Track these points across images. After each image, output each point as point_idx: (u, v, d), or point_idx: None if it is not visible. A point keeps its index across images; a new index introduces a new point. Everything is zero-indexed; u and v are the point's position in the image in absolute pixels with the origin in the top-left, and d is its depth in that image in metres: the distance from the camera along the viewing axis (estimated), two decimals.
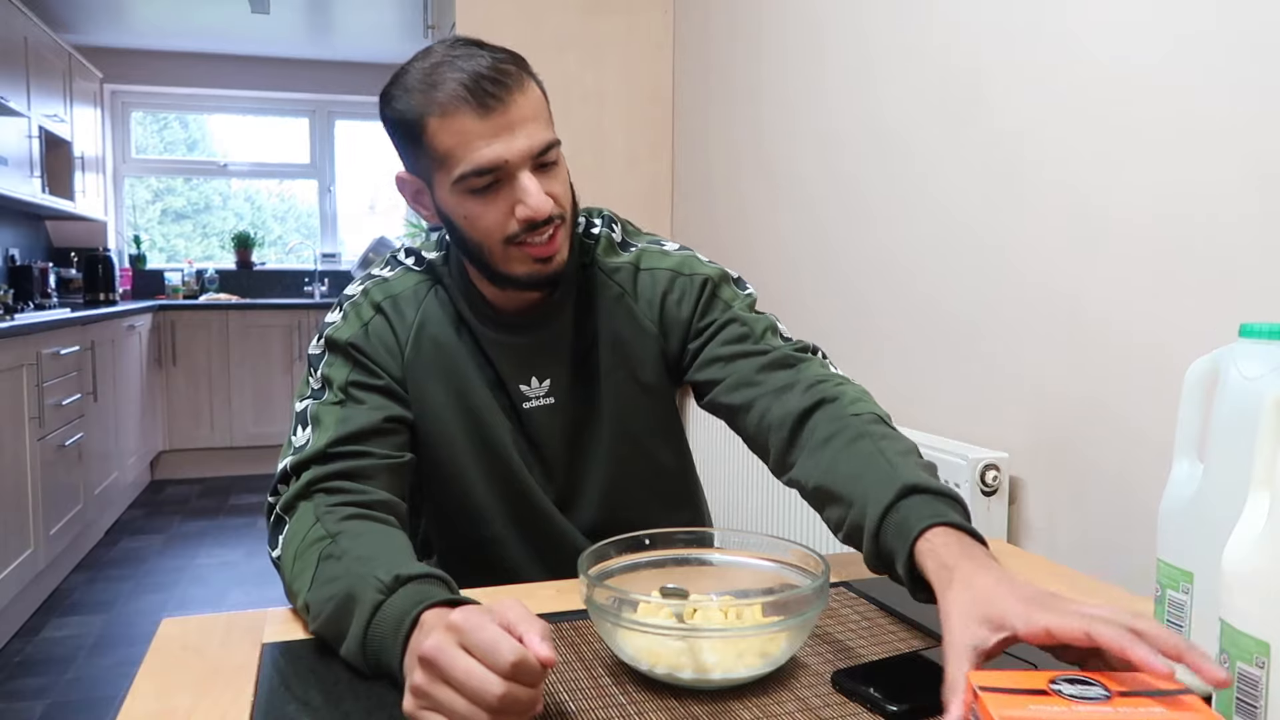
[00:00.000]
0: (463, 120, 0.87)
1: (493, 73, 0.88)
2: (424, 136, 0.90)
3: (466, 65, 0.88)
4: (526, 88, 0.91)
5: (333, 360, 0.97)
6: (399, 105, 0.92)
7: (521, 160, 0.89)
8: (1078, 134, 1.31)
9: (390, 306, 1.01)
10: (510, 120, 0.88)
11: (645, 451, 1.08)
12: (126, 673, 2.55)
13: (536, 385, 1.02)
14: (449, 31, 3.01)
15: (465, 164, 0.88)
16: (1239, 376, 0.65)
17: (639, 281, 1.05)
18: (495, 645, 0.58)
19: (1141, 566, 1.15)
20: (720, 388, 1.00)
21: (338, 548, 0.79)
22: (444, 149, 0.89)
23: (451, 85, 0.87)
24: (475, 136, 0.88)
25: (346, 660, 0.73)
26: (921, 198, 1.68)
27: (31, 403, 2.93)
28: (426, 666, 0.60)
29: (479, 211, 0.91)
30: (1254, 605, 0.55)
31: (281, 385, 4.96)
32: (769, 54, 2.30)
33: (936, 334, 1.64)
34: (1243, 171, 1.06)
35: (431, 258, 1.05)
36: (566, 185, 0.96)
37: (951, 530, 0.71)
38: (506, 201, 0.90)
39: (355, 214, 5.72)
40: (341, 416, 0.92)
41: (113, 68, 5.13)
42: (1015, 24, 1.43)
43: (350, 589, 0.73)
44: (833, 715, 0.65)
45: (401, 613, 0.69)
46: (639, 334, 1.04)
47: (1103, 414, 1.27)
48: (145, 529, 3.95)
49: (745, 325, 1.01)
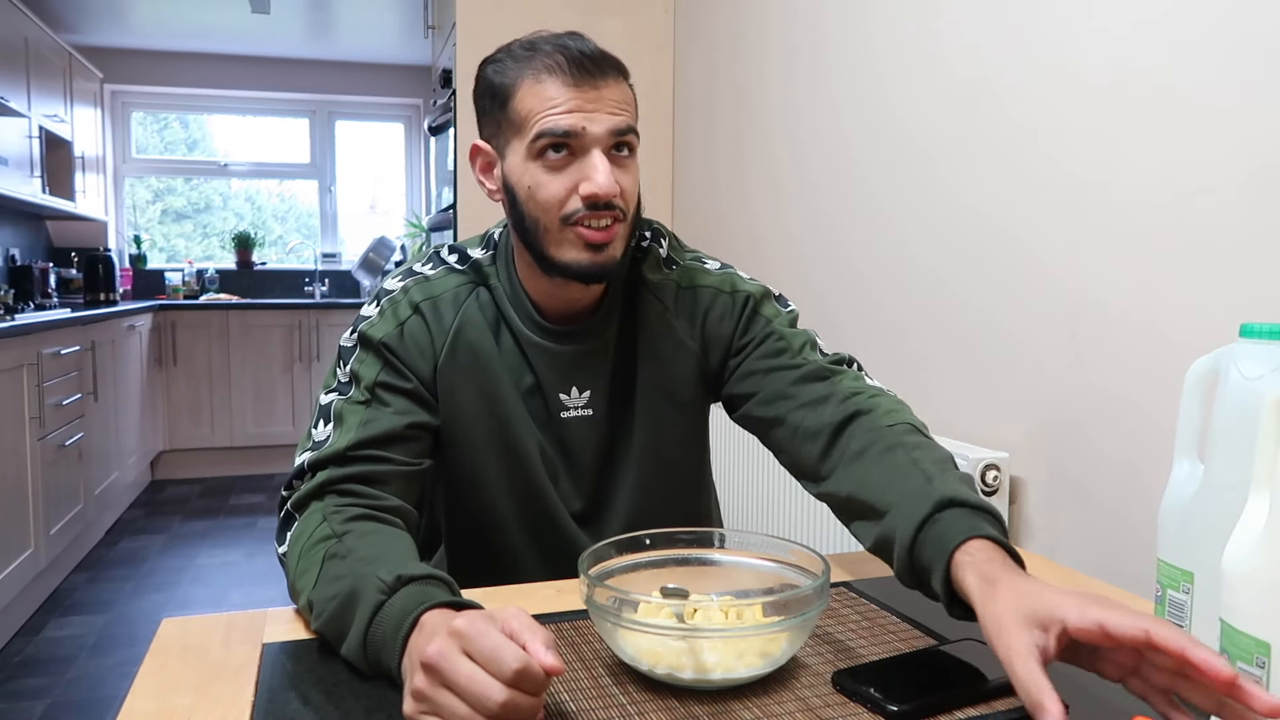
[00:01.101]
0: (553, 85, 0.89)
1: (594, 53, 0.91)
2: (511, 100, 0.91)
3: (571, 43, 0.91)
4: (621, 81, 0.94)
5: (364, 356, 0.96)
6: (494, 69, 0.94)
7: (599, 137, 0.90)
8: (1078, 138, 1.31)
9: (429, 308, 0.99)
10: (598, 96, 0.90)
11: (673, 467, 1.08)
12: (127, 673, 2.55)
13: (576, 395, 1.02)
14: (449, 31, 3.00)
15: (543, 124, 0.89)
16: (1239, 376, 0.65)
17: (681, 299, 1.04)
18: (498, 652, 0.58)
19: (1141, 566, 1.15)
20: (754, 401, 1.00)
21: (343, 547, 0.79)
22: (526, 110, 0.90)
23: (550, 53, 0.90)
24: (561, 101, 0.89)
25: (347, 659, 0.73)
26: (925, 200, 1.68)
27: (32, 403, 2.93)
28: (429, 671, 0.60)
29: (544, 180, 0.91)
30: (1254, 605, 0.55)
31: (282, 385, 4.96)
32: (769, 53, 2.30)
33: (937, 334, 1.64)
34: (1244, 172, 1.06)
35: (477, 257, 1.03)
36: (635, 183, 0.96)
37: (991, 544, 0.70)
38: (573, 177, 0.90)
39: (355, 214, 5.72)
40: (365, 418, 0.92)
41: (113, 68, 5.13)
42: (1021, 23, 1.43)
43: (353, 588, 0.73)
44: (833, 715, 0.65)
45: (402, 613, 0.69)
46: (680, 350, 1.04)
47: (1103, 414, 1.27)
48: (145, 529, 3.95)
49: (783, 340, 1.01)
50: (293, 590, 0.83)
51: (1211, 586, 0.63)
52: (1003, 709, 0.66)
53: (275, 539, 0.89)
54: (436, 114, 3.39)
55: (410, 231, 5.42)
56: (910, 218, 1.71)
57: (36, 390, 2.97)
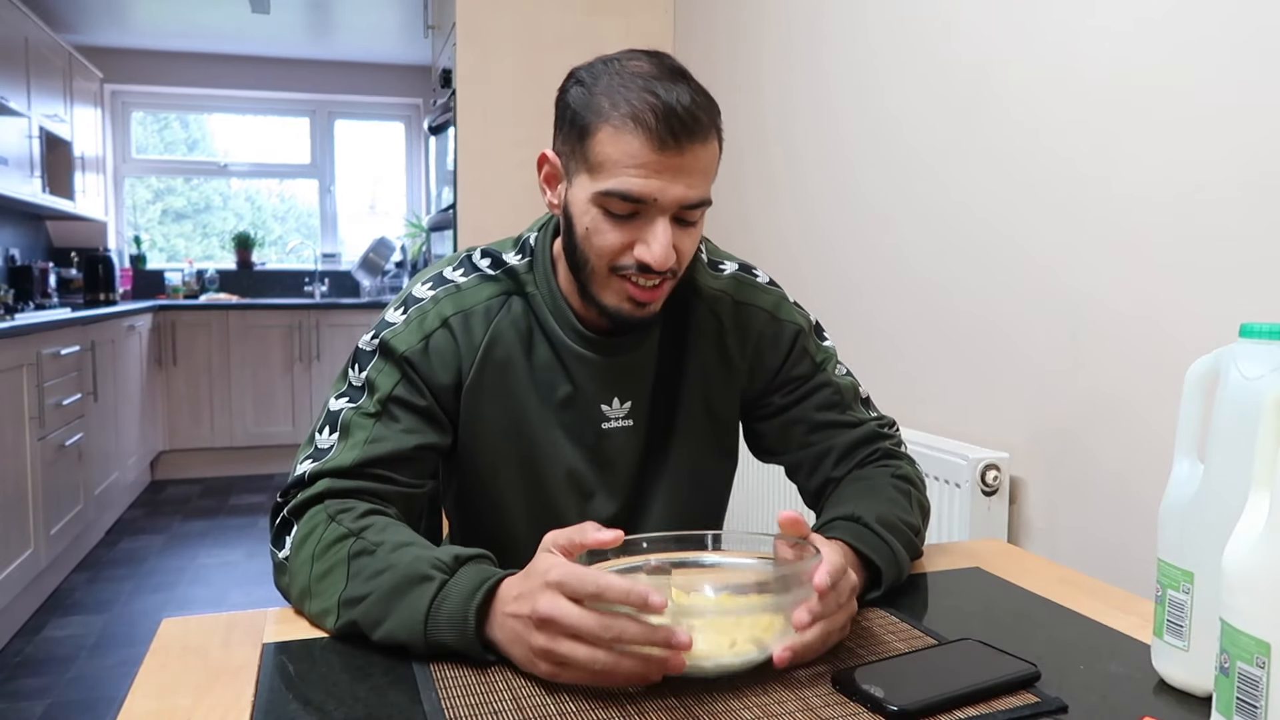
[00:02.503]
0: (635, 142, 0.84)
1: (686, 113, 0.84)
2: (590, 137, 0.86)
3: (665, 93, 0.84)
4: (708, 141, 0.87)
5: (382, 366, 0.93)
6: (581, 95, 0.88)
7: (668, 206, 0.86)
8: (1078, 138, 1.31)
9: (459, 323, 0.95)
10: (679, 165, 0.85)
11: (707, 479, 1.08)
12: (127, 673, 2.55)
13: (618, 406, 1.00)
14: (449, 31, 3.01)
15: (615, 183, 0.85)
16: (1239, 376, 0.65)
17: (737, 316, 1.03)
18: (606, 591, 0.66)
19: (1141, 566, 1.15)
20: (797, 457, 1.05)
21: (368, 543, 0.80)
22: (603, 157, 0.85)
23: (640, 103, 0.83)
24: (638, 164, 0.84)
25: (385, 640, 0.75)
26: (923, 197, 1.68)
27: (32, 403, 2.93)
28: (546, 627, 0.67)
29: (603, 229, 0.88)
30: (1254, 605, 0.55)
31: (282, 385, 4.96)
32: (769, 53, 2.30)
33: (937, 334, 1.64)
34: (1244, 172, 1.06)
35: (513, 263, 0.99)
36: (695, 243, 0.93)
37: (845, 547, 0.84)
38: (632, 235, 0.87)
39: (355, 214, 5.72)
40: (373, 435, 0.90)
41: (113, 68, 5.13)
42: (1017, 22, 1.43)
43: (405, 575, 0.75)
44: (833, 715, 0.65)
45: (470, 589, 0.73)
46: (727, 368, 1.03)
47: (1103, 414, 1.27)
48: (145, 529, 3.95)
49: (837, 392, 1.04)
50: (305, 593, 0.82)
51: (1211, 586, 0.63)
52: (1002, 709, 0.66)
53: (271, 544, 0.88)
54: (436, 114, 3.39)
55: (410, 231, 5.42)
56: (909, 217, 1.71)
57: (36, 390, 2.97)
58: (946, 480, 1.45)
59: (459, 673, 0.72)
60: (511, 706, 0.66)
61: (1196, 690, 0.69)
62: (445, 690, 0.69)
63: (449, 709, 0.66)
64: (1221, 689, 0.57)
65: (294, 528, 0.86)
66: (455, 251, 1.05)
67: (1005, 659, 0.72)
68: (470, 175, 2.88)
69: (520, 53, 2.86)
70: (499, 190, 2.88)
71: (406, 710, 0.66)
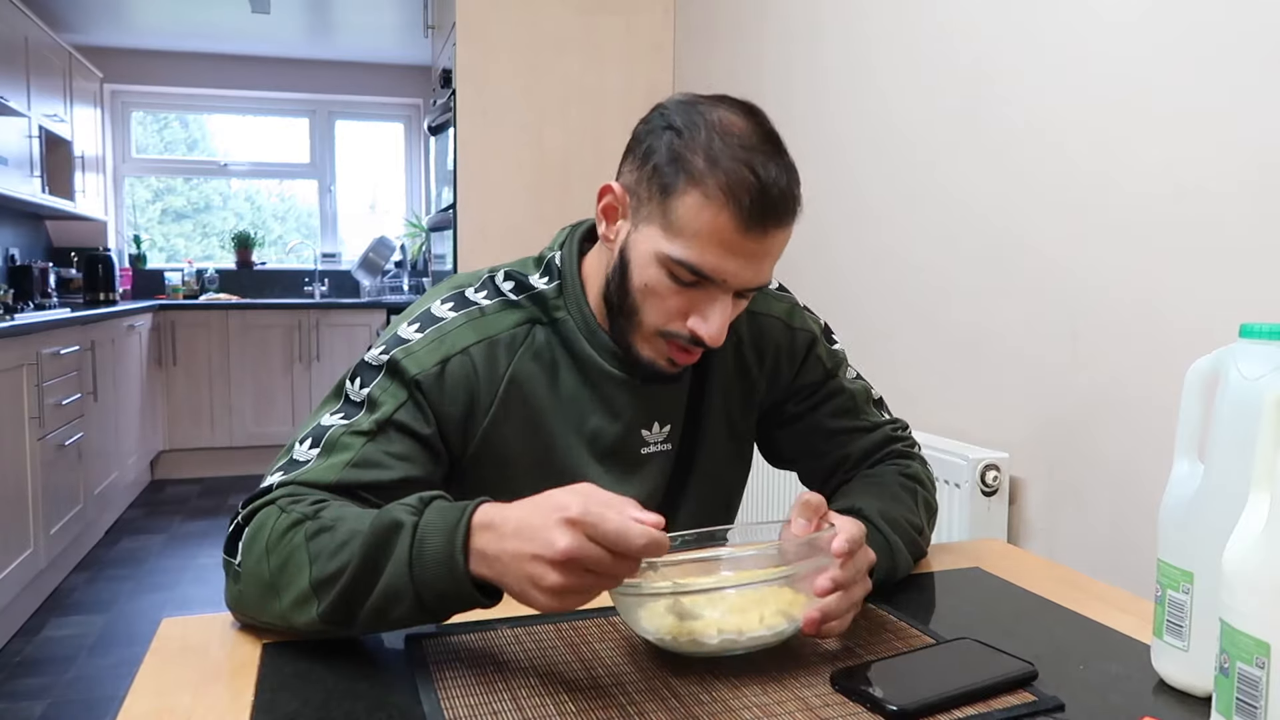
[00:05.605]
0: (721, 217, 0.81)
1: (780, 197, 0.82)
2: (675, 196, 0.82)
3: (763, 171, 0.81)
4: (791, 225, 0.85)
5: (388, 384, 0.87)
6: (673, 144, 0.83)
7: (735, 286, 0.85)
8: (1078, 136, 1.31)
9: (482, 352, 0.90)
10: (758, 250, 0.83)
11: (724, 487, 1.07)
12: (126, 673, 2.55)
13: (657, 430, 0.98)
14: (449, 31, 3.01)
15: (688, 252, 0.82)
16: (1239, 376, 0.65)
17: (751, 327, 1.02)
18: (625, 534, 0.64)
19: (1141, 566, 1.15)
20: (811, 465, 1.05)
21: (324, 520, 0.75)
22: (685, 222, 0.82)
23: (737, 177, 0.80)
24: (718, 240, 0.81)
25: (377, 612, 0.71)
26: (923, 198, 1.68)
27: (31, 402, 2.93)
28: (565, 568, 0.64)
29: (663, 292, 0.85)
30: (1254, 605, 0.55)
31: (282, 385, 4.96)
32: (769, 53, 2.30)
33: (937, 334, 1.64)
34: (1244, 170, 1.06)
35: (540, 288, 0.94)
36: (742, 314, 0.93)
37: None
38: (689, 303, 0.86)
39: (355, 214, 5.72)
40: (359, 458, 0.83)
41: (113, 68, 5.13)
42: (1017, 21, 1.43)
43: (376, 528, 0.71)
44: (833, 715, 0.66)
45: (446, 522, 0.70)
46: (745, 381, 1.03)
47: (1103, 414, 1.27)
48: (145, 529, 3.95)
49: (850, 397, 1.05)
50: (268, 591, 0.75)
51: (1211, 586, 0.63)
52: (1002, 709, 0.66)
53: (224, 553, 0.81)
54: (436, 114, 3.39)
55: (410, 231, 5.42)
56: (909, 215, 1.71)
57: (36, 390, 2.97)
58: (946, 480, 1.45)
59: (459, 673, 0.72)
60: (511, 706, 0.66)
61: (1196, 690, 0.69)
62: (445, 690, 0.69)
63: (449, 709, 0.66)
64: (1221, 689, 0.57)
65: (245, 531, 0.79)
66: (475, 270, 1.00)
67: (1003, 658, 0.72)
68: (470, 175, 2.88)
69: (520, 53, 2.86)
70: (499, 190, 2.87)
71: (406, 710, 0.66)
